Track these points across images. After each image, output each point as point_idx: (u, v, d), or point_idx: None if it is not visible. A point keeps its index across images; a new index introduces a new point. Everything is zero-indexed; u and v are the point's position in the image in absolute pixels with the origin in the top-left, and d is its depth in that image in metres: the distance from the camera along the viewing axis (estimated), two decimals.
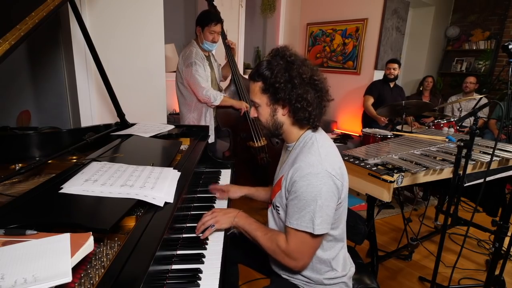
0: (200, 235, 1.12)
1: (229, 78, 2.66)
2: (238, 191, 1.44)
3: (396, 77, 3.70)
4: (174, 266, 0.96)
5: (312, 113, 1.03)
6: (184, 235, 1.13)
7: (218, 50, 3.17)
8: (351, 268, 1.19)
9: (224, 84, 2.69)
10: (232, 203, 1.46)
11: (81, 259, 0.65)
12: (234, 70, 2.57)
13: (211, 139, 2.46)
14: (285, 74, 1.01)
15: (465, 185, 1.67)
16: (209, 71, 2.39)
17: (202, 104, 2.40)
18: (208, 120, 2.45)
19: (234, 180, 1.71)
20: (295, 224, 1.00)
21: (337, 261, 1.13)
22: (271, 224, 1.19)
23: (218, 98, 2.35)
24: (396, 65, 3.64)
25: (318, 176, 0.97)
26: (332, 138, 3.98)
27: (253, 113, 1.14)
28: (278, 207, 1.11)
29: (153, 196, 0.94)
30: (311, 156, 1.01)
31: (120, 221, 0.82)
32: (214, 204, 1.39)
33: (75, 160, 1.30)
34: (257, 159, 2.68)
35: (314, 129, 1.09)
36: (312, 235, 0.99)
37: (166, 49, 2.77)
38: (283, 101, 1.03)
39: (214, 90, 2.35)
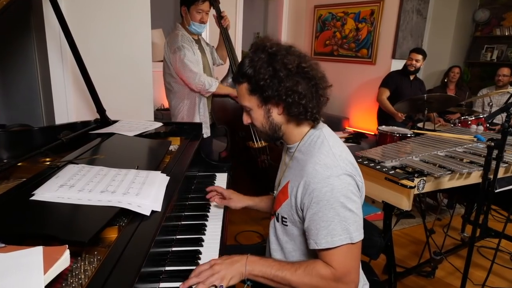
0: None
1: (227, 68, 2.66)
2: (240, 202, 1.44)
3: (417, 70, 3.69)
4: (162, 285, 0.96)
5: (307, 105, 1.03)
6: (174, 249, 1.12)
7: (212, 38, 3.16)
8: (364, 286, 1.19)
9: (222, 75, 2.68)
10: (228, 212, 1.47)
11: (56, 276, 0.65)
12: (232, 58, 2.56)
13: (206, 134, 2.47)
14: (269, 68, 1.00)
15: (496, 191, 1.67)
16: (200, 55, 2.39)
17: (194, 95, 2.40)
18: (202, 112, 2.45)
19: (231, 185, 1.71)
20: (325, 243, 0.96)
21: None
22: (272, 239, 1.18)
23: (213, 84, 2.35)
24: (420, 57, 3.62)
25: (340, 178, 0.98)
26: (343, 137, 4.04)
27: (246, 119, 1.13)
28: (286, 218, 1.10)
29: (138, 203, 0.94)
30: (325, 158, 1.01)
31: (100, 232, 0.82)
32: (208, 213, 1.39)
33: (48, 163, 1.30)
34: (257, 162, 2.68)
35: (315, 122, 1.10)
36: (351, 245, 0.97)
37: (153, 35, 2.76)
38: (274, 99, 1.03)
39: (208, 76, 2.35)
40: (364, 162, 1.75)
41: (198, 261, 1.08)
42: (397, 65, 3.99)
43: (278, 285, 0.99)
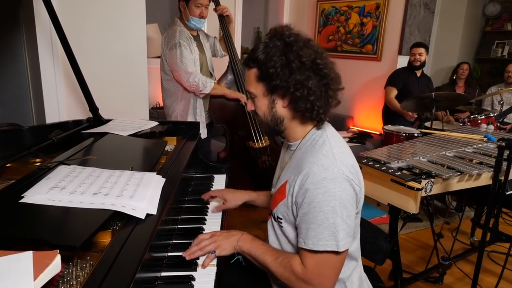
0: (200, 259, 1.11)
1: (226, 64, 2.65)
2: (236, 199, 1.45)
3: (423, 64, 3.70)
4: None
5: (315, 103, 1.03)
6: (170, 254, 1.12)
7: (212, 30, 3.16)
8: None
9: (219, 72, 2.68)
10: (227, 215, 1.47)
11: (46, 282, 0.65)
12: (232, 55, 2.56)
13: (203, 135, 2.46)
14: (282, 57, 1.01)
15: (507, 193, 1.67)
16: (197, 53, 2.38)
17: (189, 94, 2.40)
18: (198, 113, 2.45)
19: (231, 187, 1.71)
20: (312, 244, 0.98)
21: (351, 281, 1.13)
22: (272, 239, 1.19)
23: (208, 85, 2.34)
24: (422, 50, 3.63)
25: (335, 181, 0.98)
26: (347, 137, 4.04)
27: (250, 106, 1.15)
28: (281, 218, 1.11)
29: (133, 206, 0.94)
30: (324, 158, 1.01)
31: (92, 236, 0.82)
32: (205, 216, 1.39)
33: (38, 164, 1.29)
34: (258, 163, 2.68)
35: (320, 123, 1.10)
36: (336, 253, 0.98)
37: (148, 30, 2.77)
38: (281, 90, 1.04)
39: (203, 76, 2.35)
40: (369, 163, 1.75)
41: (196, 266, 1.08)
42: (404, 61, 3.98)
43: (260, 265, 1.12)
